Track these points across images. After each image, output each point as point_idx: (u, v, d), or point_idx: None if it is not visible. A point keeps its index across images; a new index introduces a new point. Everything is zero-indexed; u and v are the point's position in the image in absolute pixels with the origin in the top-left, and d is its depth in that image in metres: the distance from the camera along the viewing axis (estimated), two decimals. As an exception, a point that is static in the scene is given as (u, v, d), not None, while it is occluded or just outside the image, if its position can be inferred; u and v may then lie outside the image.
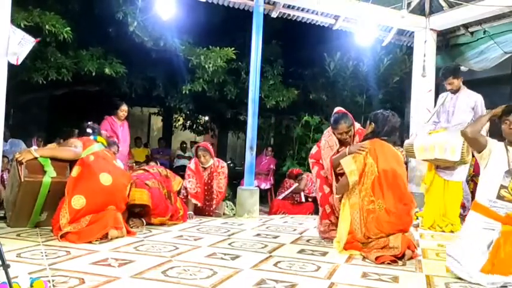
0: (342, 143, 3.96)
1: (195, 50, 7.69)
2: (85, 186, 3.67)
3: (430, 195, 5.17)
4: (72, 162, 3.89)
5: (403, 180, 3.58)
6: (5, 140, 7.92)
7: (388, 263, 3.18)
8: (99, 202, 3.68)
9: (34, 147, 4.08)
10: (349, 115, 3.99)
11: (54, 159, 3.88)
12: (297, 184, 7.34)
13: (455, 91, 5.14)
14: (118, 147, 5.47)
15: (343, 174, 3.66)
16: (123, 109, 6.33)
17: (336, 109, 4.14)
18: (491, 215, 2.89)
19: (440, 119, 5.26)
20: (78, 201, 3.60)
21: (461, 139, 4.73)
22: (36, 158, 3.84)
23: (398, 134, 3.95)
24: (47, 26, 6.27)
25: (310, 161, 4.30)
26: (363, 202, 3.46)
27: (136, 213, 4.43)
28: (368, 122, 3.82)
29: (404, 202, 3.46)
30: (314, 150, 4.29)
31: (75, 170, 3.77)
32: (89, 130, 4.38)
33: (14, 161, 3.90)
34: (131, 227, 4.13)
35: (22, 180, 3.72)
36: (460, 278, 2.80)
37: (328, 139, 4.07)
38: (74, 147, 3.92)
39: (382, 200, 3.40)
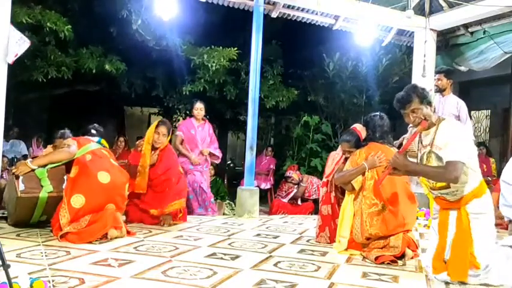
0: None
1: (198, 49, 7.69)
2: (83, 185, 3.65)
3: (431, 195, 5.18)
4: (69, 164, 3.85)
5: (403, 180, 3.57)
6: (7, 140, 7.93)
7: (388, 263, 3.18)
8: (98, 200, 3.67)
9: (29, 159, 4.01)
10: (357, 134, 3.89)
11: (51, 171, 3.84)
12: (295, 191, 7.36)
13: (440, 90, 5.24)
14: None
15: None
16: (196, 107, 6.10)
17: (353, 126, 4.07)
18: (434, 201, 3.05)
19: None
20: (77, 201, 3.58)
21: None
22: (33, 170, 3.79)
23: (393, 135, 3.93)
24: (48, 24, 6.28)
25: (323, 189, 4.15)
26: (364, 206, 3.46)
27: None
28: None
29: (406, 202, 3.46)
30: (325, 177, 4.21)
31: (73, 171, 3.74)
32: (92, 131, 4.30)
33: (12, 173, 3.86)
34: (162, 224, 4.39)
35: (18, 195, 3.69)
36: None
37: (334, 156, 4.09)
38: (68, 147, 3.87)
39: (385, 202, 3.39)
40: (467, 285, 2.73)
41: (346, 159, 3.85)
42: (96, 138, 4.16)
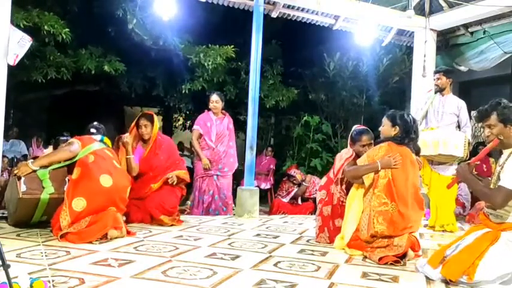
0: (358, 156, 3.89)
1: (194, 48, 7.69)
2: (85, 188, 3.63)
3: (431, 195, 5.20)
4: (71, 166, 3.82)
5: (415, 184, 3.56)
6: (7, 139, 7.93)
7: (391, 263, 3.18)
8: (99, 204, 3.65)
9: (30, 160, 3.95)
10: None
11: (53, 172, 3.82)
12: (296, 189, 7.36)
13: (440, 90, 5.23)
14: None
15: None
16: (212, 100, 5.81)
17: (356, 126, 4.15)
18: None
19: (430, 118, 5.28)
20: (78, 204, 3.56)
21: (463, 135, 4.88)
22: (34, 171, 3.76)
23: None
24: (45, 27, 6.26)
25: (320, 193, 4.11)
26: (374, 203, 3.43)
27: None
28: (390, 122, 3.66)
29: (415, 207, 3.45)
30: (323, 181, 4.18)
31: (75, 172, 3.71)
32: (92, 130, 4.21)
33: (13, 174, 3.84)
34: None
35: (20, 196, 3.67)
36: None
37: (341, 155, 4.07)
38: (69, 146, 3.83)
39: (395, 203, 3.37)
40: (467, 286, 2.72)
41: (358, 157, 3.83)
42: (99, 137, 4.10)
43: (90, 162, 3.76)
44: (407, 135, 3.61)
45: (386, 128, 3.69)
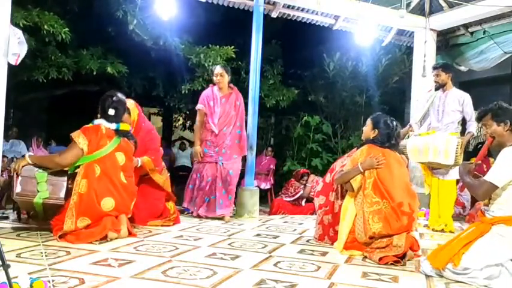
0: None
1: (195, 48, 7.71)
2: (89, 209, 3.58)
3: (431, 196, 5.20)
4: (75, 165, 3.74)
5: (403, 180, 3.57)
6: (7, 140, 7.93)
7: (392, 264, 3.18)
8: (101, 218, 3.63)
9: (29, 153, 3.88)
10: None
11: (52, 175, 3.76)
12: (301, 192, 7.35)
13: (440, 86, 5.11)
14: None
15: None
16: (216, 73, 5.17)
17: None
18: None
19: (430, 118, 5.21)
20: (84, 222, 3.55)
21: (455, 142, 4.72)
22: (33, 165, 3.71)
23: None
24: (45, 26, 6.27)
25: (319, 199, 4.09)
26: (366, 205, 3.44)
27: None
28: (372, 125, 3.72)
29: (407, 202, 3.46)
30: (320, 187, 4.17)
31: (82, 184, 3.59)
32: (110, 111, 3.78)
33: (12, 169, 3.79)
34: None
35: (13, 197, 3.67)
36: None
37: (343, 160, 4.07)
38: (66, 152, 3.67)
39: (386, 200, 3.40)
40: (467, 286, 2.73)
41: None
42: (114, 125, 3.81)
43: (96, 178, 3.65)
44: (388, 140, 3.66)
45: (367, 129, 3.76)
